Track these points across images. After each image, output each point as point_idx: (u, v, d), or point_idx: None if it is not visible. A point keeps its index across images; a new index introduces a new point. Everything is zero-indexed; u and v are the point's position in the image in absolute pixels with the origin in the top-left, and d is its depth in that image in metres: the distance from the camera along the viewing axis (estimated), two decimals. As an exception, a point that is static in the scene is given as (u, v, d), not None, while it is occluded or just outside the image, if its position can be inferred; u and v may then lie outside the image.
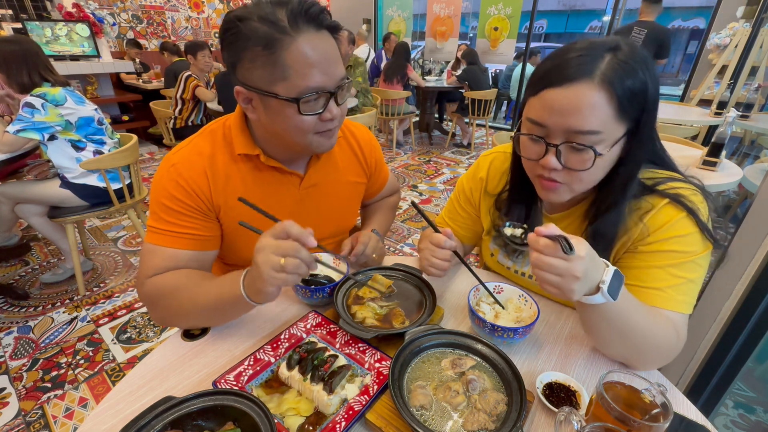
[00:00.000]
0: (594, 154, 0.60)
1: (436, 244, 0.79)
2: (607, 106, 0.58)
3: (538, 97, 0.62)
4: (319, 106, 0.71)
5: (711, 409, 1.19)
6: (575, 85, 0.58)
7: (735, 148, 3.80)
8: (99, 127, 2.02)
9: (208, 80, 3.73)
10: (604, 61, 0.58)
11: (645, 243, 0.69)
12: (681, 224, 0.66)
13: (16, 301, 2.08)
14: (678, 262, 0.66)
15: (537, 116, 0.63)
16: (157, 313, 0.75)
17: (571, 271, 0.53)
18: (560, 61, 0.60)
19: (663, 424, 0.46)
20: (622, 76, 0.57)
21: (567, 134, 0.61)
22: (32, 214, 2.00)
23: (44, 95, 1.78)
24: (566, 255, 0.52)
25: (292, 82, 0.66)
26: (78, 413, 1.49)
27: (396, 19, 6.34)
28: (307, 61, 0.66)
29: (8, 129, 1.75)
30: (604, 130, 0.59)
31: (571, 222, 0.80)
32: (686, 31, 15.24)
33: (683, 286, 0.66)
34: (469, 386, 0.59)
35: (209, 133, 0.82)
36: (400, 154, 4.96)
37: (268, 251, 0.59)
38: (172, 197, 0.76)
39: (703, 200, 0.68)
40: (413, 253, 2.72)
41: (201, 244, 0.80)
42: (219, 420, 0.54)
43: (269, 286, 0.60)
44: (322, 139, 0.75)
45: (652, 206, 0.69)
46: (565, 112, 0.59)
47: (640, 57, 0.59)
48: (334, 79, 0.70)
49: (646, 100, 0.60)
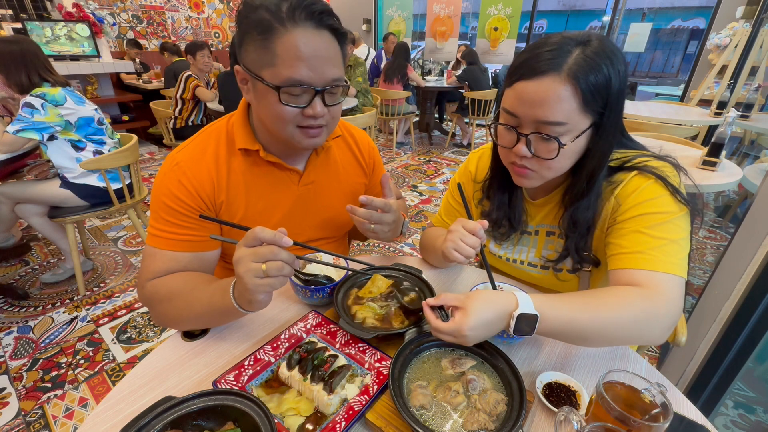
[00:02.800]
0: (558, 145, 0.64)
1: (470, 230, 0.76)
2: (572, 99, 0.61)
3: (512, 89, 0.66)
4: (302, 101, 0.70)
5: (711, 409, 1.19)
6: (544, 78, 0.62)
7: (735, 148, 3.81)
8: (99, 127, 2.01)
9: (208, 80, 3.73)
10: (572, 56, 0.61)
11: (620, 212, 0.71)
12: (650, 188, 0.68)
13: (16, 301, 2.08)
14: (654, 223, 0.67)
15: (510, 107, 0.67)
16: (156, 316, 0.76)
17: (459, 332, 0.57)
18: (533, 55, 0.64)
19: (663, 424, 0.46)
20: (586, 71, 0.61)
21: (536, 125, 0.65)
22: (32, 214, 2.00)
23: (44, 95, 1.78)
24: (446, 320, 0.59)
25: (278, 70, 0.67)
26: (78, 413, 1.49)
27: (396, 19, 6.34)
28: (296, 54, 0.66)
29: (8, 129, 1.75)
30: (569, 122, 0.63)
31: (551, 208, 0.83)
32: (686, 31, 15.24)
33: (666, 247, 0.65)
34: (469, 386, 0.59)
35: (213, 131, 0.83)
36: (400, 154, 4.96)
37: (247, 261, 0.59)
38: (173, 196, 0.76)
39: (673, 170, 0.71)
40: (413, 253, 2.72)
41: (201, 245, 0.80)
42: (219, 420, 0.54)
43: (257, 294, 0.60)
44: (303, 135, 0.75)
45: (621, 180, 0.72)
46: (534, 104, 0.63)
47: (606, 52, 0.62)
48: (322, 78, 0.69)
49: (609, 95, 0.63)
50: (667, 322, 0.61)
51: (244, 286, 0.60)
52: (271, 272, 0.58)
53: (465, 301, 0.59)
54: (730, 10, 3.83)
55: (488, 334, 0.59)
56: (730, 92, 3.15)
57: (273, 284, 0.60)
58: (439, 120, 6.12)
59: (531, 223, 0.87)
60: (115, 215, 3.03)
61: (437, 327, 0.59)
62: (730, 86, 3.38)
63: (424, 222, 3.17)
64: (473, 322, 0.56)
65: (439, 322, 0.60)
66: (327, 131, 0.79)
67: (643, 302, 0.61)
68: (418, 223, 3.15)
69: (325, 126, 0.77)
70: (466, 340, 0.57)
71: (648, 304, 0.61)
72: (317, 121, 0.74)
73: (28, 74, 1.80)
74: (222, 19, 6.40)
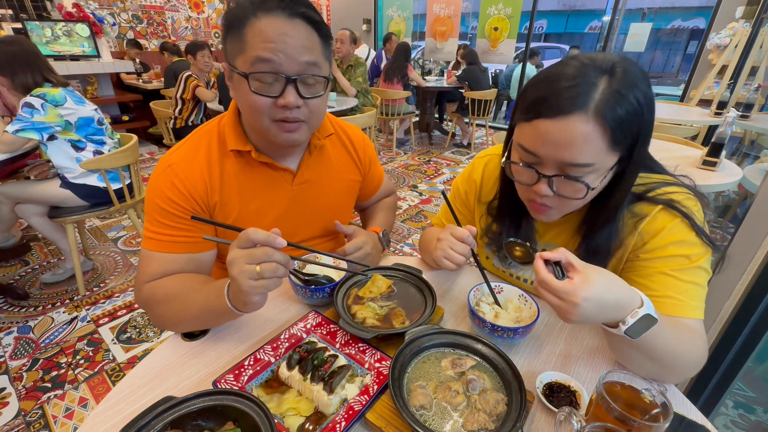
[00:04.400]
0: (586, 188, 0.60)
1: (458, 237, 0.79)
2: (601, 139, 0.56)
3: (531, 126, 0.60)
4: (274, 91, 0.69)
5: (711, 409, 1.19)
6: (569, 118, 0.56)
7: (735, 148, 3.81)
8: (99, 128, 2.01)
9: (208, 80, 3.73)
10: (598, 91, 0.55)
11: (645, 251, 0.68)
12: (677, 229, 0.66)
13: (16, 301, 2.08)
14: (682, 267, 0.65)
15: (529, 145, 0.62)
16: (154, 318, 0.76)
17: (573, 295, 0.51)
18: (553, 91, 0.57)
19: (663, 424, 0.46)
20: (615, 107, 0.55)
21: (560, 166, 0.60)
22: (32, 214, 2.01)
23: (44, 95, 1.78)
24: (562, 280, 0.53)
25: (246, 55, 0.68)
26: (78, 413, 1.49)
27: (396, 19, 6.34)
28: (264, 37, 0.66)
29: (7, 129, 1.75)
30: (597, 162, 0.59)
31: (563, 230, 0.80)
32: (686, 31, 15.23)
33: (694, 292, 0.65)
34: (469, 386, 0.59)
35: (205, 132, 0.82)
36: (400, 154, 4.96)
37: (241, 262, 0.58)
38: (166, 198, 0.76)
39: (697, 203, 0.68)
40: (413, 253, 2.72)
41: (196, 246, 0.80)
42: (219, 420, 0.54)
43: (252, 296, 0.60)
44: (278, 129, 0.73)
45: (645, 214, 0.68)
46: (558, 145, 0.58)
47: (634, 80, 0.56)
48: (293, 64, 0.68)
49: (641, 128, 0.58)
50: (701, 367, 0.64)
51: (238, 288, 0.60)
52: (265, 274, 0.58)
53: (590, 268, 0.54)
54: (730, 10, 3.83)
55: (597, 316, 0.53)
56: (730, 92, 3.15)
57: (267, 286, 0.59)
58: (439, 120, 6.12)
59: (540, 241, 0.84)
60: (115, 215, 3.03)
61: (548, 282, 0.53)
62: (730, 86, 3.38)
63: (424, 222, 3.17)
64: (593, 293, 0.51)
65: (552, 277, 0.54)
66: (308, 127, 0.77)
67: (701, 347, 0.64)
68: (418, 223, 3.15)
69: (304, 122, 0.75)
70: (574, 308, 0.51)
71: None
72: (292, 113, 0.71)
73: (32, 74, 1.80)
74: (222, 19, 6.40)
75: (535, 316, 0.70)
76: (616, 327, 0.55)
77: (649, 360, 0.61)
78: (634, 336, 0.54)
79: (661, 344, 0.58)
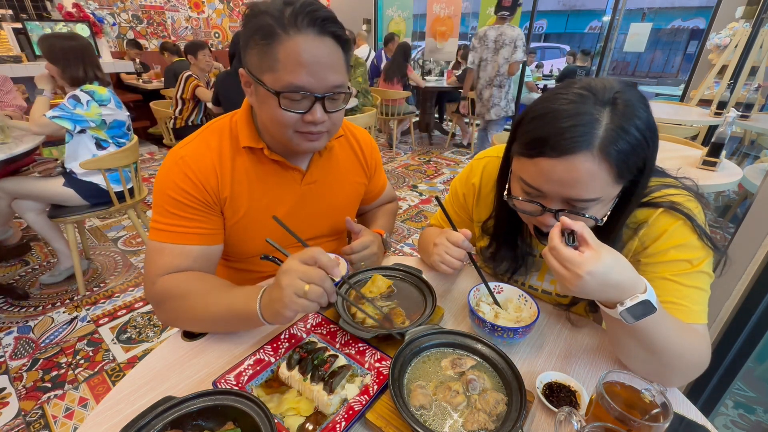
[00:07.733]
0: (594, 222, 0.62)
1: (453, 242, 0.80)
2: (607, 174, 0.56)
3: (533, 163, 0.59)
4: (303, 107, 0.71)
5: (711, 409, 1.19)
6: (574, 157, 0.55)
7: (735, 148, 3.81)
8: (127, 132, 2.13)
9: (208, 80, 3.73)
10: (601, 128, 0.55)
11: (645, 255, 0.68)
12: (678, 233, 0.65)
13: (16, 301, 2.08)
14: (684, 272, 0.65)
15: (533, 182, 0.61)
16: (163, 313, 0.75)
17: (580, 267, 0.52)
18: (555, 130, 0.56)
19: (663, 424, 0.46)
20: (618, 142, 0.55)
21: (565, 201, 0.61)
22: (28, 209, 2.01)
23: (92, 93, 1.89)
24: (574, 248, 0.54)
25: (279, 75, 0.67)
26: (78, 413, 1.49)
27: (396, 19, 6.34)
28: (297, 60, 0.66)
29: (47, 113, 1.83)
30: (603, 195, 0.59)
31: None
32: (686, 31, 15.24)
33: (696, 296, 0.65)
34: (469, 386, 0.59)
35: (216, 128, 0.83)
36: (400, 154, 4.96)
37: (294, 275, 0.59)
38: (179, 189, 0.76)
39: (698, 205, 0.67)
40: (413, 253, 2.72)
41: (209, 238, 0.80)
42: (219, 420, 0.54)
43: (288, 310, 0.60)
44: (302, 139, 0.75)
45: (646, 218, 0.68)
46: (564, 184, 0.58)
47: (635, 111, 0.56)
48: (323, 84, 0.69)
49: (646, 159, 0.59)
50: (702, 371, 0.64)
51: (279, 297, 0.60)
52: (310, 295, 0.59)
53: (603, 247, 0.54)
54: (730, 10, 3.84)
55: (596, 292, 0.54)
56: (730, 92, 3.15)
57: (307, 307, 0.60)
58: (439, 120, 6.12)
59: (537, 247, 0.83)
60: (115, 215, 3.03)
61: (558, 249, 0.54)
62: (730, 86, 3.38)
63: (424, 222, 3.17)
64: (600, 268, 0.52)
65: (563, 245, 0.54)
66: (328, 136, 0.79)
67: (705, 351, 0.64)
68: (418, 223, 3.15)
69: (325, 132, 0.77)
70: (576, 280, 0.52)
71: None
72: (317, 127, 0.74)
73: (85, 69, 1.90)
74: (222, 19, 6.39)
75: (535, 316, 0.70)
76: (613, 308, 0.56)
77: (647, 353, 0.61)
78: (627, 320, 0.55)
79: (661, 337, 0.58)
